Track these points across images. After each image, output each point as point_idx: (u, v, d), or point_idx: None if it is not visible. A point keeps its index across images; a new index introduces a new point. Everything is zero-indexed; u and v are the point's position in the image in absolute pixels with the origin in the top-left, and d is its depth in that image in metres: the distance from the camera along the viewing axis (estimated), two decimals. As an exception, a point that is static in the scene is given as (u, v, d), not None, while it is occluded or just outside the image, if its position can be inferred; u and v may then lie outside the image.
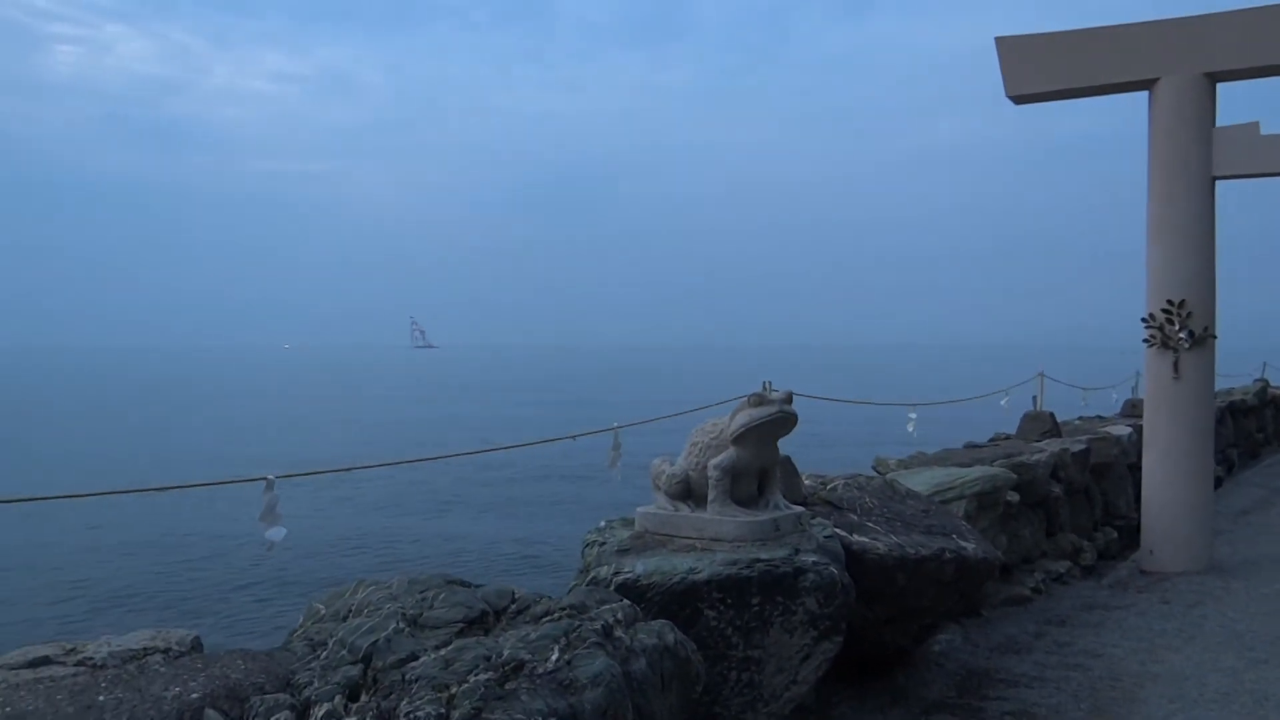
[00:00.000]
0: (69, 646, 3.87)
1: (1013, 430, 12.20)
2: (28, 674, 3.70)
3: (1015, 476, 8.84)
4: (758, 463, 5.50)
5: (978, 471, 8.46)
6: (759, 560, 4.99)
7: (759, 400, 5.33)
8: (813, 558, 5.13)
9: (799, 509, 5.75)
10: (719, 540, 5.29)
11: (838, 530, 5.87)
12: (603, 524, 6.05)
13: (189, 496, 14.58)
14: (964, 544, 6.35)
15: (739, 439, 5.34)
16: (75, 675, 3.67)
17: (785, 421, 5.32)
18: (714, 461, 5.42)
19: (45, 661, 3.78)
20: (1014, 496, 8.88)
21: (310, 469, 4.79)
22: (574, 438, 6.02)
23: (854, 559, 5.68)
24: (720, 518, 5.33)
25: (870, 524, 6.26)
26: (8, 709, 3.37)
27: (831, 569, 5.14)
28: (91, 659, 3.78)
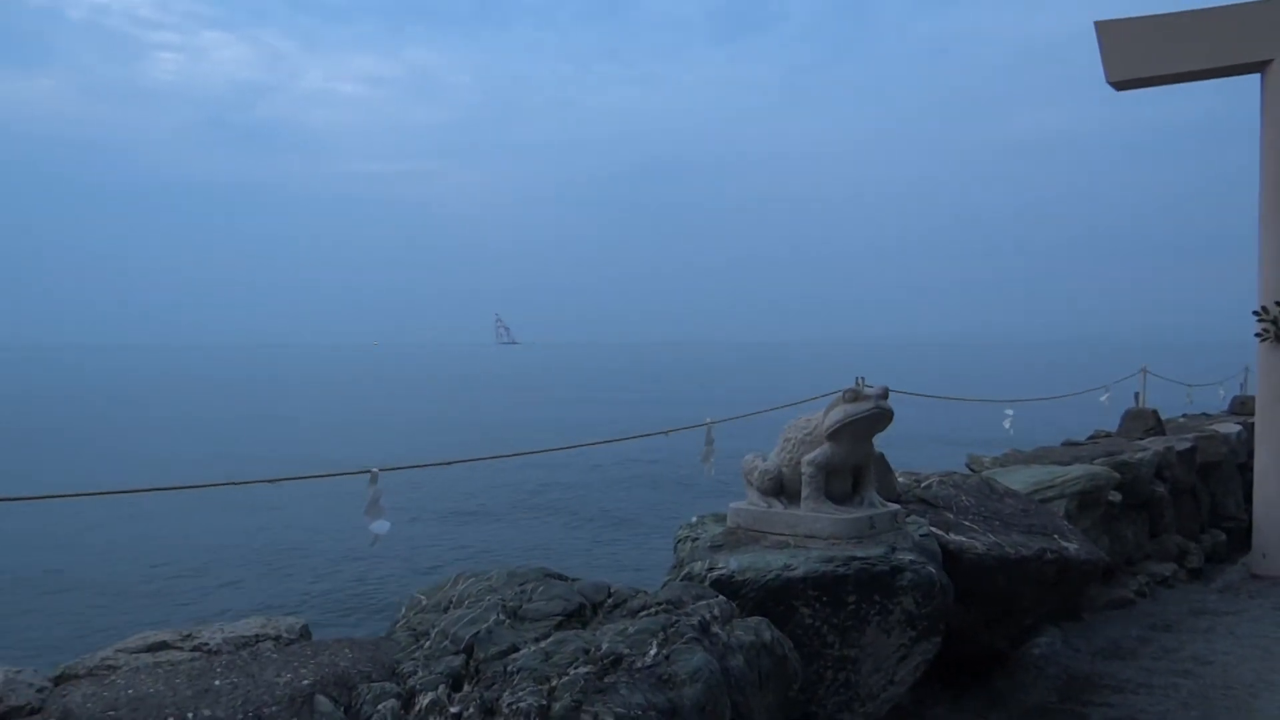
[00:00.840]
0: (185, 633, 4.02)
1: (1113, 428, 11.81)
2: (148, 658, 3.86)
3: (1118, 476, 8.55)
4: (852, 459, 5.42)
5: (1078, 470, 8.21)
6: (855, 558, 4.92)
7: (854, 395, 5.25)
8: (910, 556, 5.04)
9: (894, 506, 5.65)
10: (813, 537, 5.24)
11: (934, 529, 5.76)
12: (694, 519, 6.05)
13: (292, 489, 15.07)
14: (1066, 544, 6.18)
15: (834, 435, 5.27)
16: (192, 660, 3.81)
17: (881, 417, 5.23)
18: (808, 457, 5.36)
19: (163, 646, 3.94)
20: (1116, 496, 8.59)
21: (403, 464, 4.90)
22: (667, 433, 6.01)
23: (951, 558, 5.57)
24: (814, 514, 5.27)
25: (967, 523, 6.13)
26: (130, 691, 3.52)
27: (929, 568, 5.05)
28: (206, 645, 3.92)
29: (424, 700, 3.48)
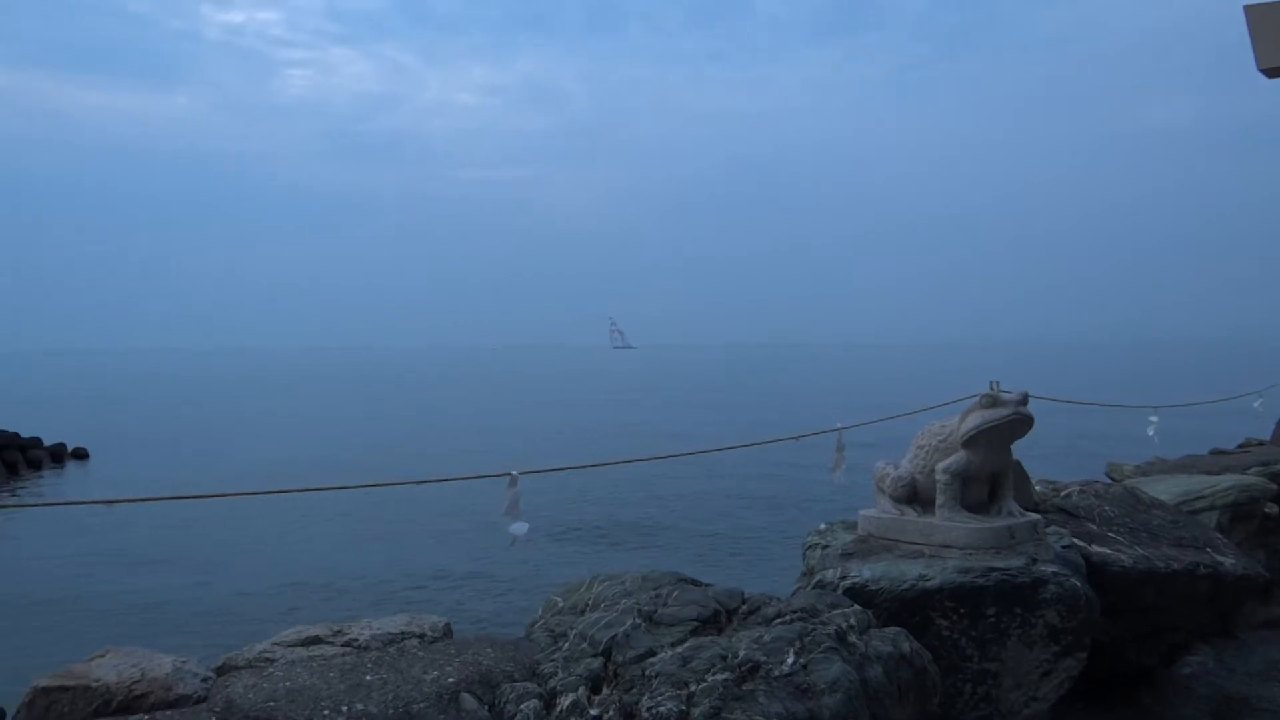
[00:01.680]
0: (336, 628, 4.19)
1: (1266, 435, 11.12)
2: (302, 652, 4.03)
3: (1275, 486, 8.05)
4: (989, 467, 5.27)
5: (1230, 480, 7.76)
6: (994, 569, 4.78)
7: (992, 401, 5.10)
8: (1052, 568, 4.87)
9: (1034, 516, 5.47)
10: (948, 547, 5.11)
11: (1076, 540, 5.54)
12: (823, 526, 5.98)
13: (432, 489, 15.54)
14: (1220, 558, 5.86)
15: (970, 442, 5.13)
16: (343, 655, 3.96)
17: (1021, 424, 5.07)
18: (943, 465, 5.23)
19: (316, 641, 4.11)
20: (1273, 509, 8.08)
21: (539, 468, 4.98)
22: (797, 439, 5.96)
23: (1095, 571, 5.35)
24: (950, 523, 5.14)
25: (1111, 534, 5.88)
26: (287, 683, 3.68)
27: (1073, 581, 4.86)
28: (356, 640, 4.07)
29: (565, 701, 3.53)
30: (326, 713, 3.43)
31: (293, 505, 16.40)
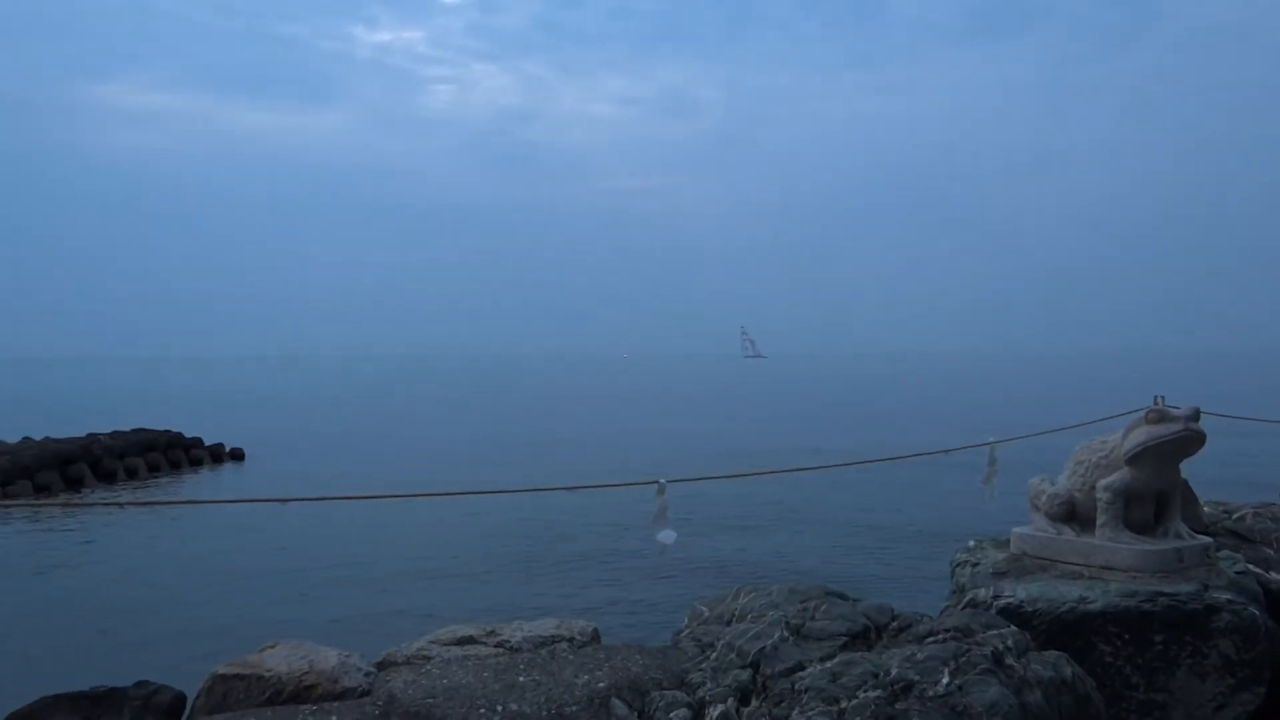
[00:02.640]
0: (489, 629, 4.30)
1: None
2: (457, 651, 4.16)
3: None
4: (1155, 486, 5.00)
5: None
6: (1161, 594, 4.53)
7: (1159, 416, 4.84)
8: (1226, 595, 4.58)
9: (1205, 539, 5.16)
10: (1110, 569, 4.87)
11: (1250, 566, 5.20)
12: (972, 543, 5.79)
13: (582, 495, 15.91)
14: None
15: (1135, 459, 4.88)
16: (496, 655, 4.07)
17: (1192, 441, 4.79)
18: (1104, 482, 4.99)
19: (470, 640, 4.23)
20: None
21: (686, 477, 5.01)
22: (947, 452, 5.80)
23: (1273, 600, 5.00)
24: (1113, 544, 4.90)
25: (1291, 561, 5.48)
26: (445, 681, 3.81)
27: (1251, 609, 4.56)
28: (508, 641, 4.17)
29: (714, 712, 3.53)
30: (482, 711, 3.53)
31: (441, 507, 16.98)
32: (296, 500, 4.40)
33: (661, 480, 4.33)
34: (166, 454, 27.30)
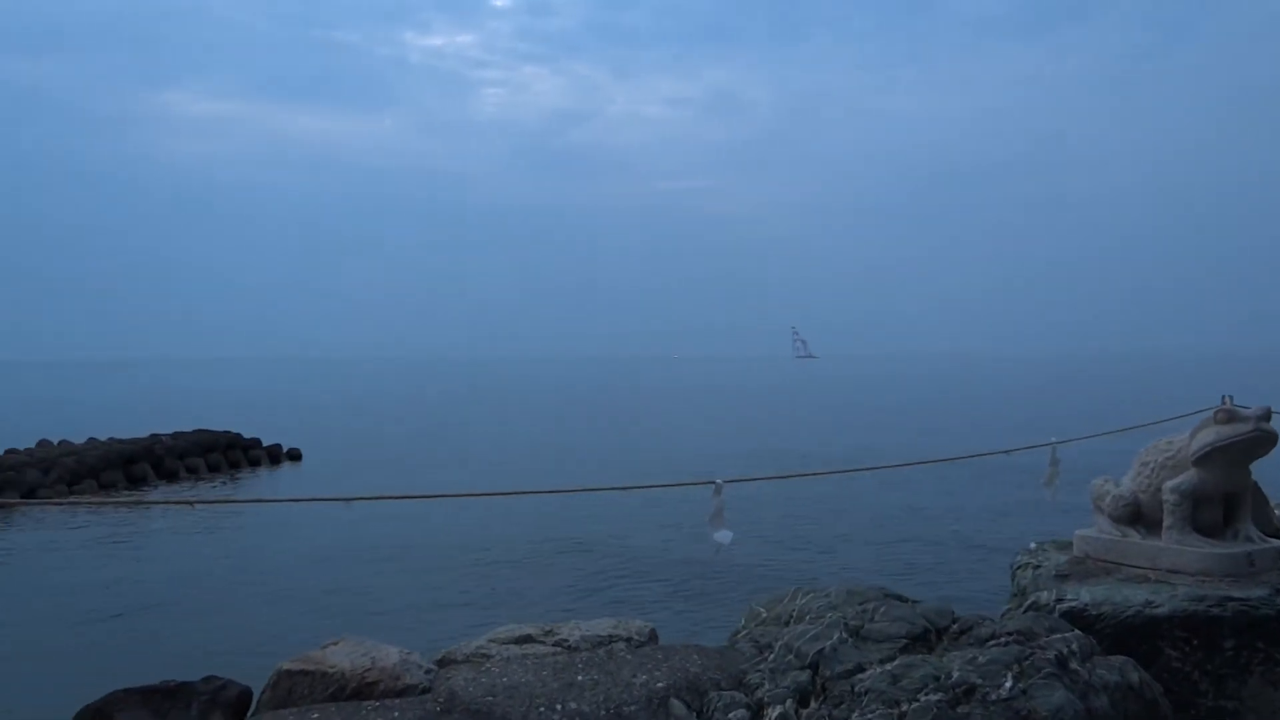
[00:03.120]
0: (547, 628, 4.33)
1: None
2: (515, 649, 4.20)
3: None
4: (1224, 488, 4.87)
5: None
6: (1231, 598, 4.42)
7: (1228, 416, 4.72)
8: (1300, 600, 4.45)
9: (1277, 543, 5.01)
10: (1177, 572, 4.76)
11: (1325, 570, 5.05)
12: (1033, 545, 5.70)
13: (638, 495, 15.99)
14: None
15: (1202, 460, 4.76)
16: (555, 654, 4.09)
17: (1262, 441, 4.66)
18: (1171, 484, 4.88)
19: (528, 639, 4.27)
20: None
21: (742, 477, 5.00)
22: (1008, 452, 5.72)
23: (1349, 606, 4.85)
24: (1180, 547, 4.79)
25: (1368, 565, 5.31)
26: (504, 679, 3.84)
27: (1326, 615, 4.42)
28: (566, 640, 4.20)
29: (772, 713, 3.52)
30: (542, 709, 3.55)
31: (497, 506, 17.15)
32: (359, 500, 4.47)
33: (718, 480, 4.33)
34: (226, 454, 27.91)
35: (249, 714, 4.14)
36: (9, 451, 24.28)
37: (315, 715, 3.64)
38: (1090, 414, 37.50)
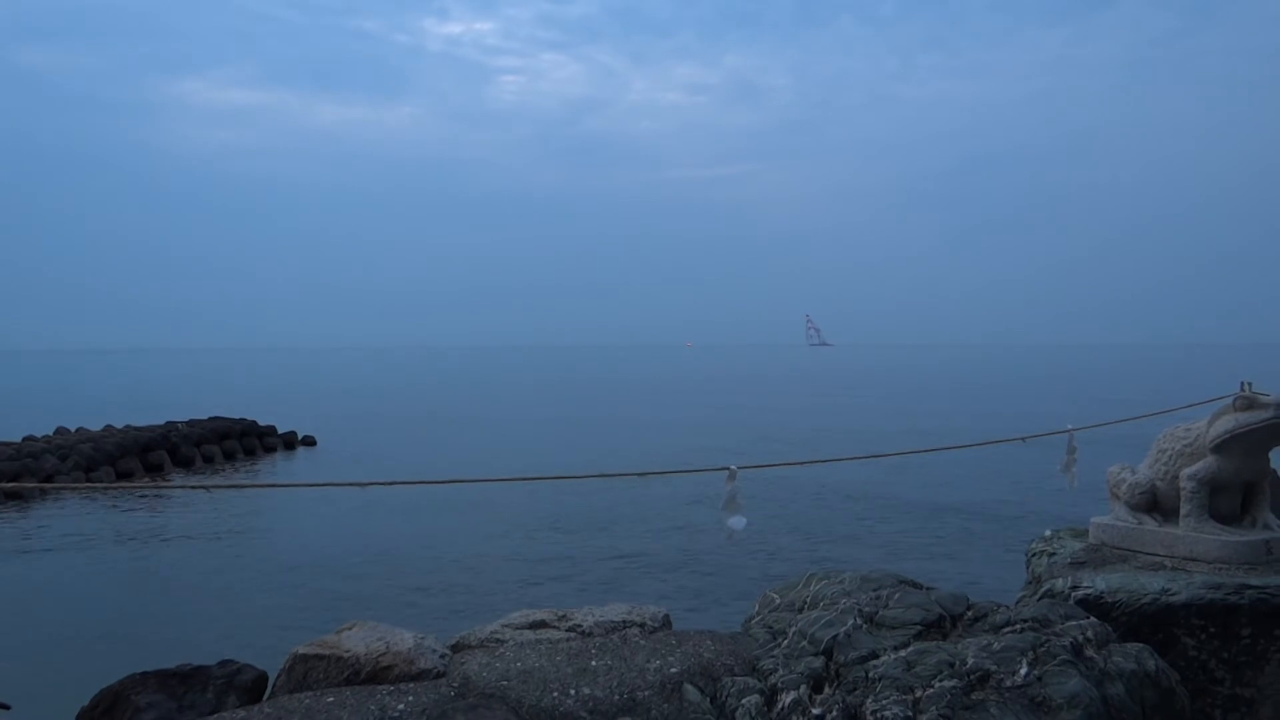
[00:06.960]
0: (560, 613, 4.34)
1: None
2: (529, 634, 4.20)
3: None
4: (1243, 475, 4.83)
5: None
6: (1249, 586, 4.38)
7: (1247, 404, 4.67)
8: (1319, 588, 4.41)
9: (1295, 531, 4.97)
10: (1194, 560, 4.73)
11: (1343, 559, 5.00)
12: (1048, 533, 5.67)
13: (651, 482, 15.99)
14: None
15: (1220, 447, 4.72)
16: (568, 640, 4.10)
17: (1281, 429, 4.62)
18: (1188, 471, 4.84)
19: (542, 625, 4.27)
20: None
21: (756, 463, 4.98)
22: (1024, 440, 5.68)
23: (1369, 594, 4.81)
24: (1197, 534, 4.75)
25: (1387, 554, 5.26)
26: (518, 664, 3.85)
27: (1345, 603, 4.39)
28: (580, 626, 4.20)
29: (786, 699, 3.51)
30: (555, 694, 3.56)
31: (511, 491, 17.25)
32: (375, 484, 4.48)
33: (732, 466, 4.32)
34: (242, 441, 28.09)
35: (264, 697, 4.17)
36: (27, 439, 24.51)
37: (330, 699, 3.66)
38: (1113, 402, 37.30)
